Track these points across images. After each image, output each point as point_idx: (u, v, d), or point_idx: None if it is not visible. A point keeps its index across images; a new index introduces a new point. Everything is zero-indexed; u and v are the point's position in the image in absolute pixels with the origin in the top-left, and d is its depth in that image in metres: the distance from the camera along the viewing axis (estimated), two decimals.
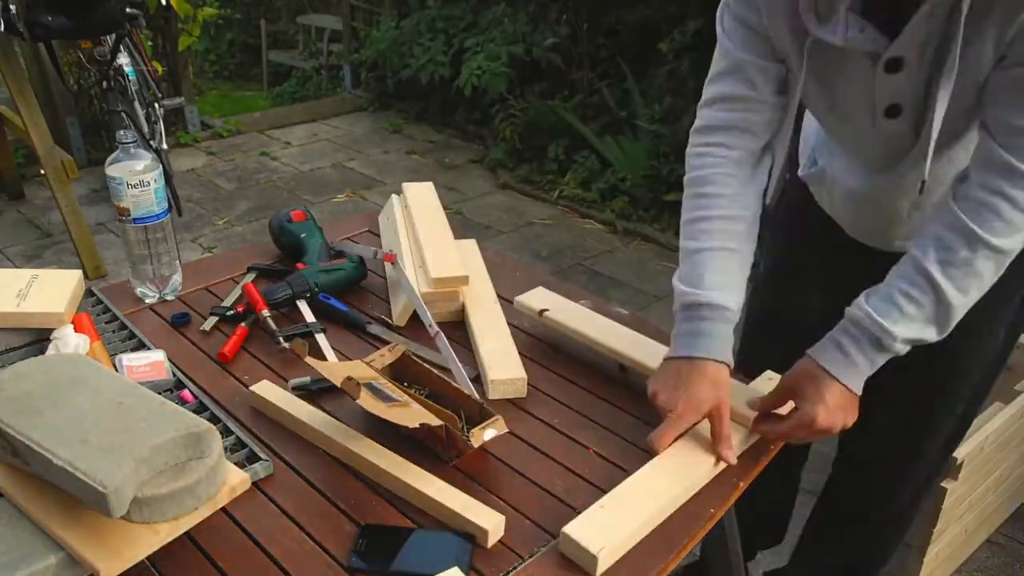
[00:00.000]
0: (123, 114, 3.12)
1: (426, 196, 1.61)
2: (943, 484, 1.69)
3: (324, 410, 1.08)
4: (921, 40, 0.90)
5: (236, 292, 1.39)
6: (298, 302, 1.32)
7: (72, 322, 1.18)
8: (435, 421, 0.95)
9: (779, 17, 0.98)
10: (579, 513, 0.90)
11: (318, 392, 1.13)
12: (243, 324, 1.28)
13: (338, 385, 0.97)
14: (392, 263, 1.37)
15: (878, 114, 1.01)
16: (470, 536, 0.88)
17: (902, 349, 0.96)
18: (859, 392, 0.98)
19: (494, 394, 1.14)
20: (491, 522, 0.89)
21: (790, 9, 0.95)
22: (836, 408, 0.97)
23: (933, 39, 0.90)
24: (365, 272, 1.43)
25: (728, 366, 1.02)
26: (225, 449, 0.93)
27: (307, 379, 1.15)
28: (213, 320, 1.30)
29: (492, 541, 0.89)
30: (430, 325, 1.21)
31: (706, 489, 0.99)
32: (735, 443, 1.01)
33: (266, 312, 1.28)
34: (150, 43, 4.64)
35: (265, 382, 1.12)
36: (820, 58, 0.97)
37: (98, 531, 0.79)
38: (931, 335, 0.96)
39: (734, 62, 1.04)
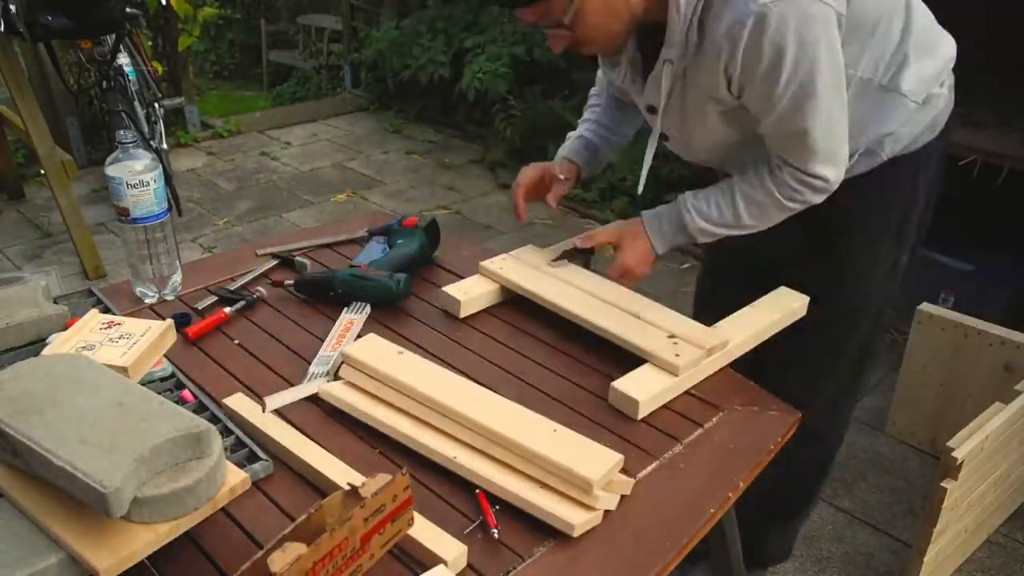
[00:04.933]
0: (123, 114, 3.12)
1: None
2: (943, 484, 1.69)
3: (293, 425, 1.06)
4: (662, 96, 1.24)
5: (248, 277, 1.43)
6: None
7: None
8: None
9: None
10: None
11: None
12: (226, 310, 1.28)
13: None
14: None
15: (658, 135, 1.36)
16: None
17: (697, 237, 1.33)
18: (659, 252, 1.37)
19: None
20: (451, 554, 0.86)
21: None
22: (640, 260, 1.36)
23: (670, 97, 1.25)
24: (394, 295, 1.34)
25: (564, 160, 1.50)
26: (225, 449, 0.93)
27: None
28: (211, 300, 1.31)
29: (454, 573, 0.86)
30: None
31: (706, 489, 0.99)
32: (692, 358, 1.17)
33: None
34: (150, 43, 4.64)
35: (239, 395, 1.11)
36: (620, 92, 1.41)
37: (98, 531, 0.79)
38: (717, 232, 1.32)
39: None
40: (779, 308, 1.33)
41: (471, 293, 1.35)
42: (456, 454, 0.99)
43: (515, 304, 1.37)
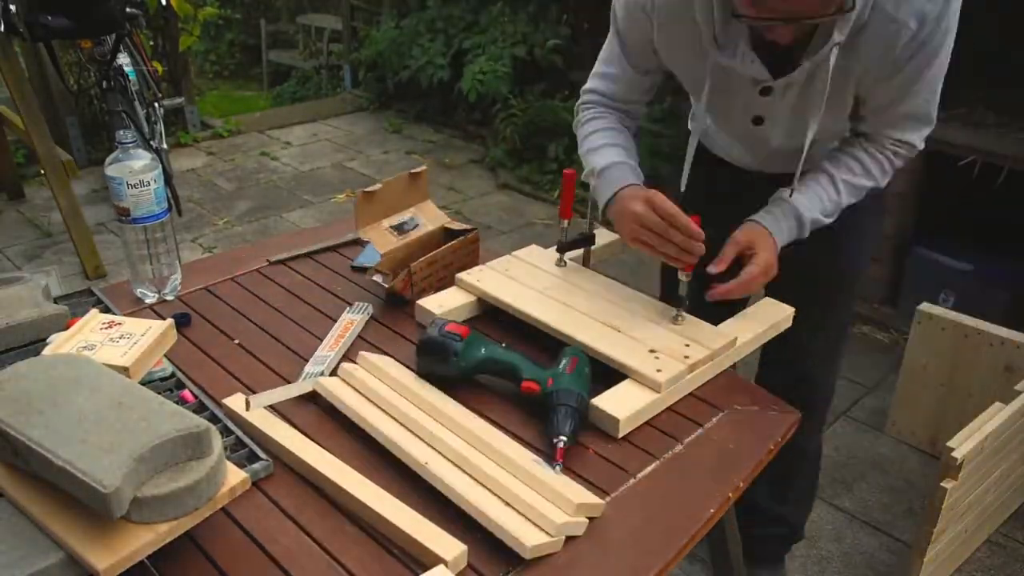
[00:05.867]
0: (123, 114, 3.12)
1: None
2: (943, 484, 1.69)
3: (293, 424, 1.06)
4: (792, 83, 1.24)
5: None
6: None
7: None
8: None
9: (681, 48, 1.29)
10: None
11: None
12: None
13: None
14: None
15: (748, 120, 1.37)
16: None
17: (807, 225, 1.32)
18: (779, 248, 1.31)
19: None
20: (451, 554, 0.85)
21: (692, 41, 1.25)
22: (775, 258, 1.29)
23: (798, 85, 1.25)
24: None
25: (633, 183, 1.34)
26: (225, 449, 0.93)
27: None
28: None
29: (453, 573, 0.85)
30: None
31: (706, 489, 0.99)
32: (674, 373, 1.13)
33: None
34: (151, 43, 4.65)
35: (239, 395, 1.11)
36: (717, 76, 1.28)
37: (98, 531, 0.79)
38: (824, 222, 1.34)
39: (623, 72, 1.44)
40: (765, 319, 1.29)
41: (447, 305, 1.31)
42: (428, 460, 0.97)
43: (495, 316, 1.34)
